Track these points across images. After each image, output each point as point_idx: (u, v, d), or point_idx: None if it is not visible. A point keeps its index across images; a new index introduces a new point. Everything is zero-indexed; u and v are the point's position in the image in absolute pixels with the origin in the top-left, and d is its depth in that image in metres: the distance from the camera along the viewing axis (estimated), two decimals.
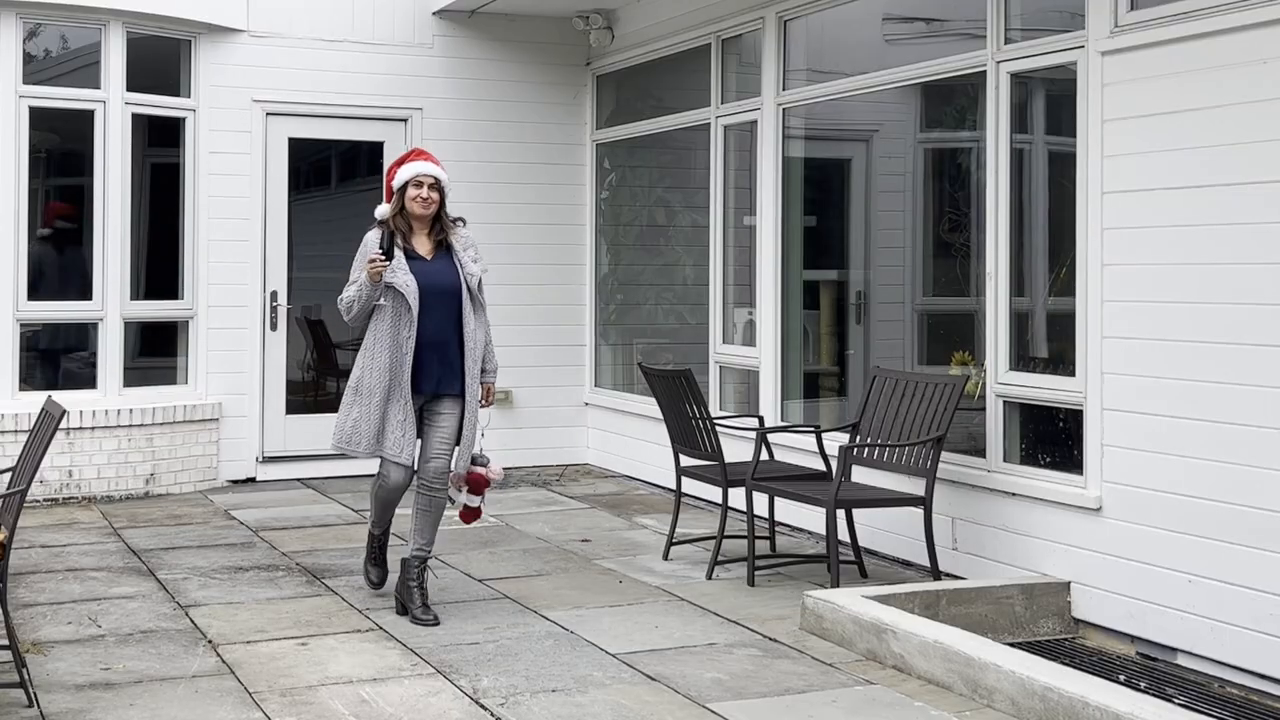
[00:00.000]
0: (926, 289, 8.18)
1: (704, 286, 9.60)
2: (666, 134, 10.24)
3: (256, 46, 10.08)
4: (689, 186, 10.12)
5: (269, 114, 10.14)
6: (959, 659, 5.30)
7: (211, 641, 5.96)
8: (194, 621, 6.28)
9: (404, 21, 10.48)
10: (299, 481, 10.05)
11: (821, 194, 9.03)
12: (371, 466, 6.72)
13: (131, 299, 9.66)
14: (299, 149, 10.34)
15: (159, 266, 9.94)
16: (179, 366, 9.99)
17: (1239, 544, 5.56)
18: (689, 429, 7.41)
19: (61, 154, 9.83)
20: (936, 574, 6.66)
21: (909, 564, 7.27)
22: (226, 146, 9.99)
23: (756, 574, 7.05)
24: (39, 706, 5.08)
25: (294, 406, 10.28)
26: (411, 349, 6.23)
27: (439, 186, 6.39)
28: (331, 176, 11.14)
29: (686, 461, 7.58)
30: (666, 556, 7.61)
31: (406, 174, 6.38)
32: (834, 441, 7.35)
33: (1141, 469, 6.00)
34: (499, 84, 10.73)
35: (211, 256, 9.95)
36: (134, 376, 9.68)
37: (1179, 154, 5.83)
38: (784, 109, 8.64)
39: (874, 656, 5.71)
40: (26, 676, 5.16)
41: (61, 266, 9.70)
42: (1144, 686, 5.52)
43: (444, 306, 6.31)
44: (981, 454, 6.89)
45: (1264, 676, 5.48)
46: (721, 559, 7.23)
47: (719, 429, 7.36)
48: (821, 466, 7.50)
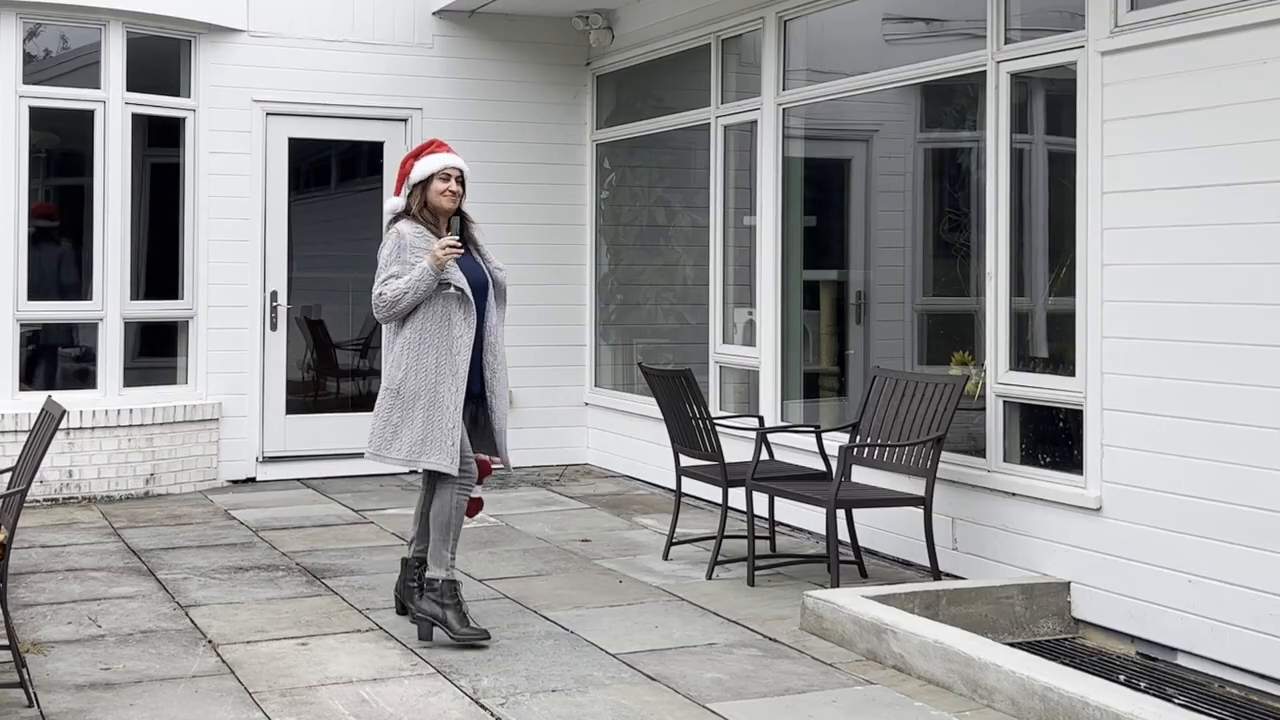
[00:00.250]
0: (926, 289, 8.18)
1: (704, 286, 9.60)
2: (666, 134, 10.24)
3: (256, 46, 10.08)
4: (689, 186, 10.11)
5: (269, 114, 10.14)
6: (959, 659, 5.30)
7: (211, 641, 5.96)
8: (194, 621, 6.28)
9: (404, 21, 10.49)
10: (299, 481, 10.05)
11: (821, 194, 9.03)
12: (372, 467, 6.62)
13: (131, 299, 9.66)
14: (299, 149, 10.34)
15: (159, 266, 9.94)
16: (179, 366, 9.99)
17: (1239, 544, 5.56)
18: (689, 429, 7.41)
19: (61, 154, 9.83)
20: (936, 574, 6.66)
21: (909, 564, 7.27)
22: (226, 146, 9.99)
23: (756, 574, 7.05)
24: (39, 706, 5.08)
25: (294, 406, 10.28)
26: (468, 349, 5.88)
27: (464, 180, 6.07)
28: (331, 176, 11.15)
29: (686, 461, 7.58)
30: (666, 556, 7.61)
31: (432, 166, 5.98)
32: (834, 441, 7.35)
33: (1141, 469, 6.00)
34: (499, 84, 10.73)
35: (211, 256, 9.96)
36: (134, 376, 9.68)
37: (1179, 154, 5.83)
38: (784, 109, 8.64)
39: (874, 656, 5.70)
40: (26, 676, 5.15)
41: (56, 265, 9.69)
42: (1144, 686, 5.52)
43: (479, 304, 5.99)
44: (981, 454, 6.89)
45: (1264, 676, 5.48)
46: (721, 559, 7.23)
47: (719, 429, 7.36)
48: (821, 466, 7.50)
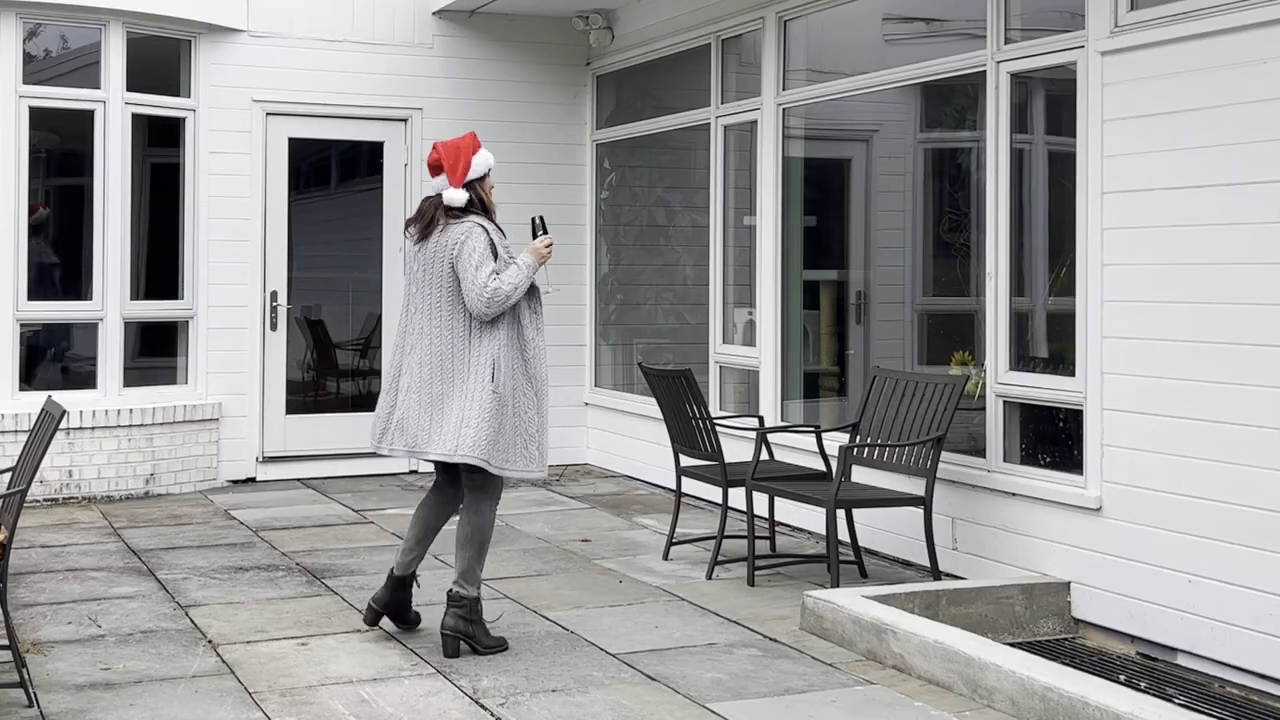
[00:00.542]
0: (926, 289, 8.18)
1: (704, 286, 9.59)
2: (666, 134, 10.24)
3: (256, 46, 10.08)
4: (689, 186, 10.11)
5: (269, 114, 10.14)
6: (959, 659, 5.29)
7: (211, 641, 5.96)
8: (194, 621, 6.28)
9: (404, 21, 10.49)
10: (299, 481, 10.05)
11: (821, 194, 9.03)
12: (372, 467, 6.55)
13: (131, 299, 9.66)
14: (299, 149, 10.34)
15: (159, 266, 9.94)
16: (179, 366, 9.99)
17: (1239, 544, 5.56)
18: (689, 429, 7.40)
19: (61, 154, 9.83)
20: (936, 574, 6.66)
21: (909, 564, 7.27)
22: (226, 146, 9.99)
23: (756, 574, 7.05)
24: (39, 706, 5.08)
25: (294, 406, 10.28)
26: (545, 352, 5.83)
27: None
28: (331, 176, 11.15)
29: (686, 461, 7.58)
30: (666, 556, 7.61)
31: (489, 162, 5.93)
32: (834, 441, 7.35)
33: (1141, 469, 6.00)
34: (499, 84, 10.73)
35: (211, 256, 9.96)
36: (134, 376, 9.68)
37: (1179, 154, 5.83)
38: (784, 109, 8.64)
39: (874, 656, 5.70)
40: (26, 676, 5.15)
41: (54, 263, 9.70)
42: (1144, 686, 5.52)
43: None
44: (981, 454, 6.89)
45: (1264, 676, 5.48)
46: (721, 559, 7.23)
47: (719, 429, 7.35)
48: (821, 466, 7.50)
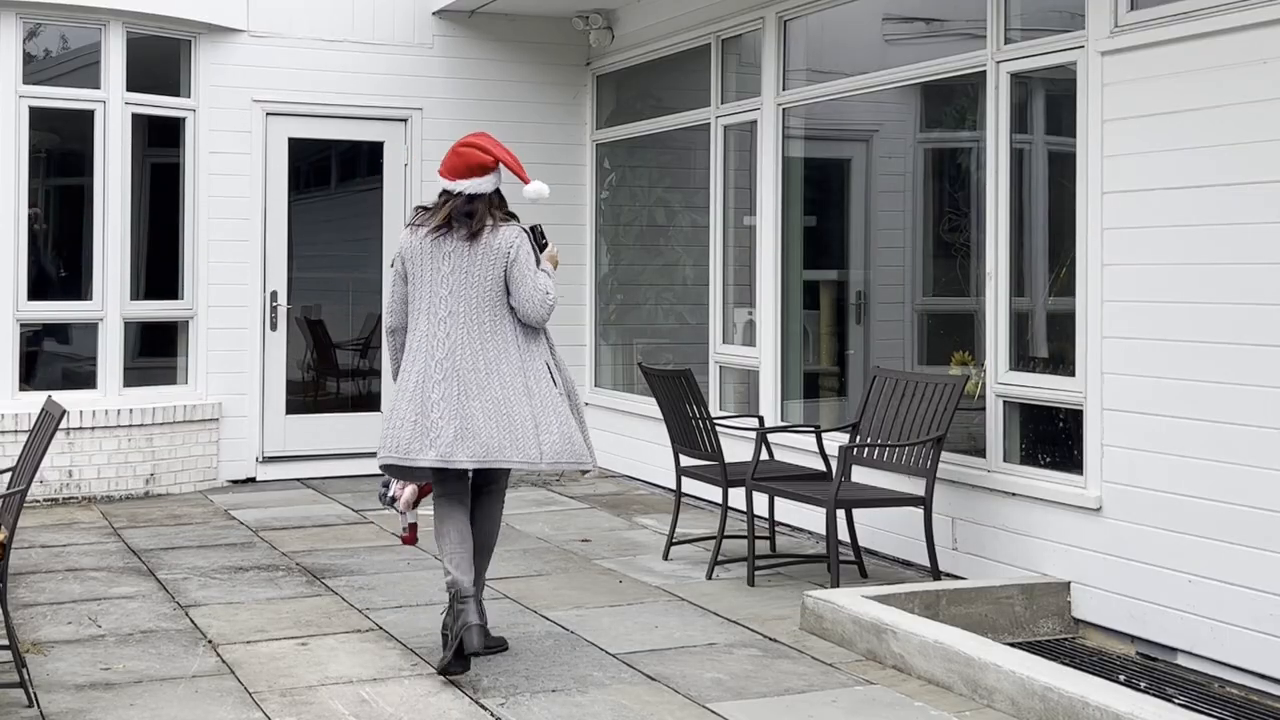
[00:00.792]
0: (926, 289, 8.18)
1: (704, 286, 9.59)
2: (666, 134, 10.24)
3: (256, 46, 10.08)
4: (689, 186, 10.11)
5: (269, 114, 10.14)
6: (959, 659, 5.29)
7: (211, 641, 5.96)
8: (194, 621, 6.28)
9: (404, 21, 10.49)
10: (299, 481, 10.05)
11: (821, 194, 9.03)
12: (372, 467, 6.59)
13: (131, 299, 9.66)
14: (299, 149, 10.34)
15: (159, 266, 9.94)
16: (179, 366, 9.99)
17: (1239, 544, 5.56)
18: (689, 429, 7.40)
19: (61, 154, 9.83)
20: (936, 574, 6.66)
21: (909, 564, 7.27)
22: (226, 146, 9.99)
23: (756, 574, 7.05)
24: (39, 706, 5.08)
25: (294, 406, 10.28)
26: None
27: None
28: (331, 176, 11.15)
29: (686, 461, 7.57)
30: (666, 556, 7.61)
31: None
32: (834, 441, 7.35)
33: (1141, 469, 6.00)
34: (499, 84, 10.73)
35: (211, 256, 9.96)
36: (134, 376, 9.69)
37: (1179, 154, 5.83)
38: (784, 109, 8.64)
39: (874, 656, 5.70)
40: (26, 676, 5.15)
41: (50, 262, 9.71)
42: (1144, 686, 5.52)
43: None
44: (981, 454, 6.89)
45: (1264, 676, 5.48)
46: (721, 559, 7.23)
47: (719, 429, 7.35)
48: (821, 466, 7.50)
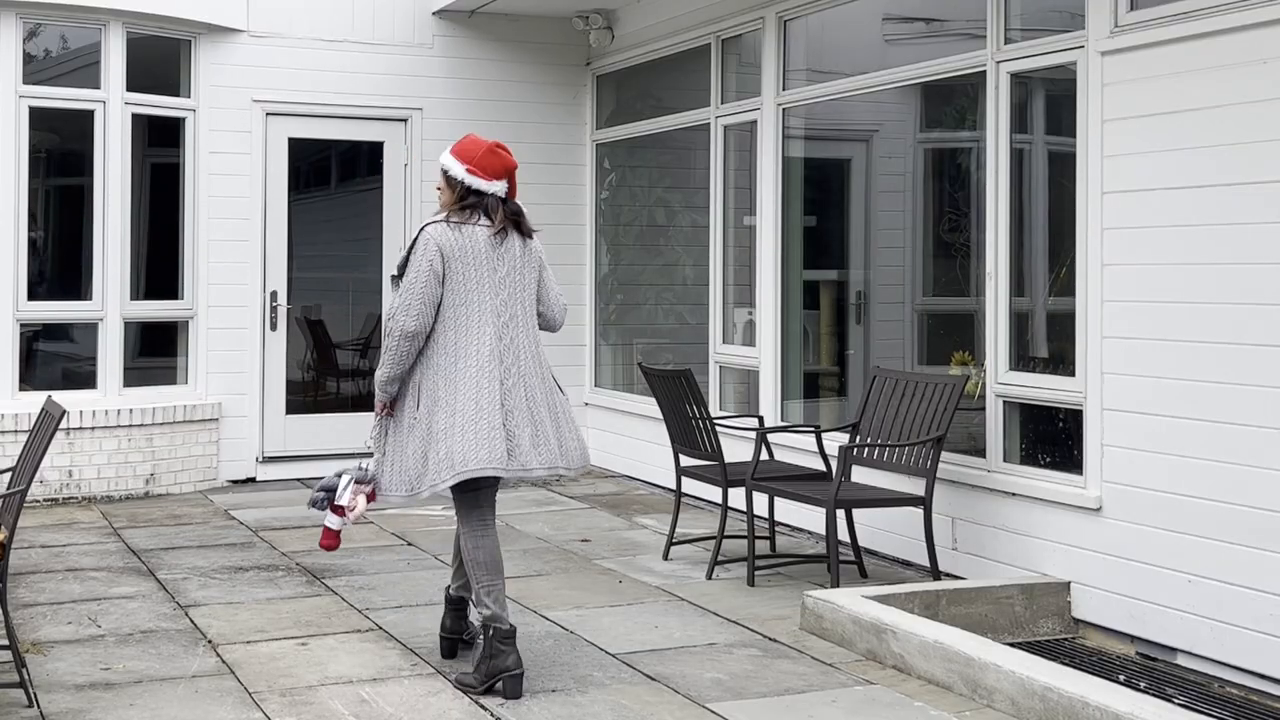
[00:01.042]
0: (926, 289, 8.18)
1: (704, 286, 9.59)
2: (666, 134, 10.24)
3: (256, 46, 10.08)
4: (689, 186, 10.11)
5: (269, 114, 10.14)
6: (959, 659, 5.29)
7: (211, 641, 5.95)
8: (194, 621, 6.28)
9: (404, 21, 10.48)
10: (299, 481, 10.05)
11: (821, 194, 9.03)
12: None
13: (131, 299, 9.66)
14: (299, 149, 10.34)
15: (159, 266, 9.94)
16: (179, 366, 9.99)
17: (1239, 544, 5.56)
18: (689, 429, 7.40)
19: (61, 154, 9.83)
20: (936, 574, 6.66)
21: (909, 564, 7.27)
22: (226, 146, 9.99)
23: (756, 574, 7.05)
24: (39, 706, 5.08)
25: (294, 406, 10.28)
26: None
27: (442, 172, 5.49)
28: (331, 176, 11.14)
29: (686, 461, 7.57)
30: (666, 556, 7.61)
31: None
32: (834, 441, 7.35)
33: (1141, 469, 6.00)
34: (499, 84, 10.73)
35: (211, 256, 9.95)
36: (134, 376, 9.68)
37: (1179, 154, 5.83)
38: (784, 109, 8.64)
39: (874, 656, 5.70)
40: (26, 676, 5.15)
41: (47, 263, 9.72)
42: (1144, 686, 5.52)
43: None
44: (981, 454, 6.89)
45: (1264, 676, 5.48)
46: (721, 559, 7.23)
47: (719, 429, 7.35)
48: (821, 466, 7.50)
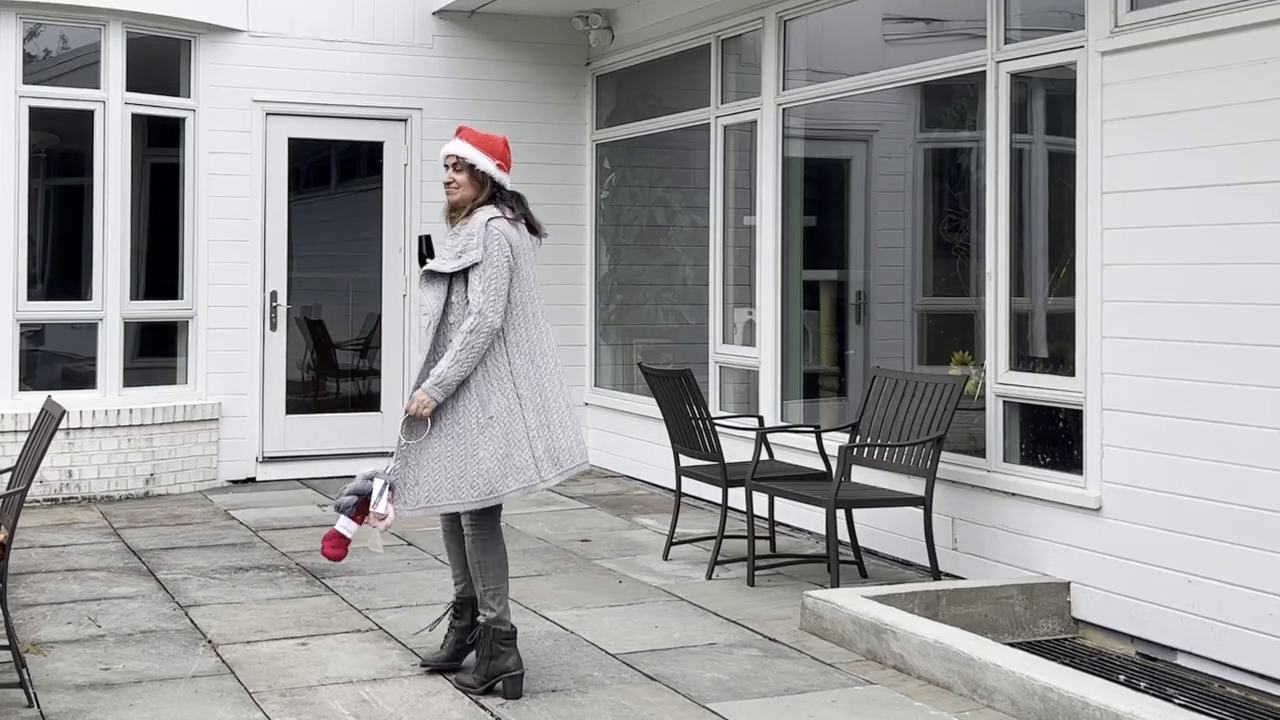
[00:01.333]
0: (926, 289, 8.18)
1: (704, 286, 9.59)
2: (666, 134, 10.24)
3: (256, 46, 10.08)
4: (689, 186, 10.11)
5: (269, 114, 10.14)
6: (959, 659, 5.29)
7: (211, 641, 5.95)
8: (194, 621, 6.28)
9: (404, 21, 10.49)
10: (299, 481, 10.05)
11: (821, 194, 9.03)
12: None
13: (131, 299, 9.66)
14: (299, 149, 10.34)
15: (159, 266, 9.94)
16: (179, 366, 9.99)
17: (1239, 544, 5.56)
18: (689, 429, 7.40)
19: (61, 154, 9.83)
20: (936, 574, 6.66)
21: (909, 564, 7.27)
22: (226, 146, 9.99)
23: (756, 574, 7.05)
24: (39, 706, 5.08)
25: (294, 406, 10.28)
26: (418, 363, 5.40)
27: (464, 166, 5.32)
28: (331, 176, 11.15)
29: (686, 461, 7.57)
30: (666, 556, 7.61)
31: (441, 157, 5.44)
32: (834, 441, 7.35)
33: (1141, 469, 6.00)
34: (499, 84, 10.73)
35: (211, 256, 9.96)
36: (134, 376, 9.68)
37: (1179, 154, 5.83)
38: (784, 109, 8.64)
39: (874, 656, 5.70)
40: (26, 676, 5.15)
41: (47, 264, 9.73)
42: (1144, 686, 5.52)
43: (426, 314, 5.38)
44: (981, 454, 6.89)
45: (1264, 676, 5.48)
46: (721, 559, 7.23)
47: (719, 429, 7.35)
48: (821, 466, 7.50)
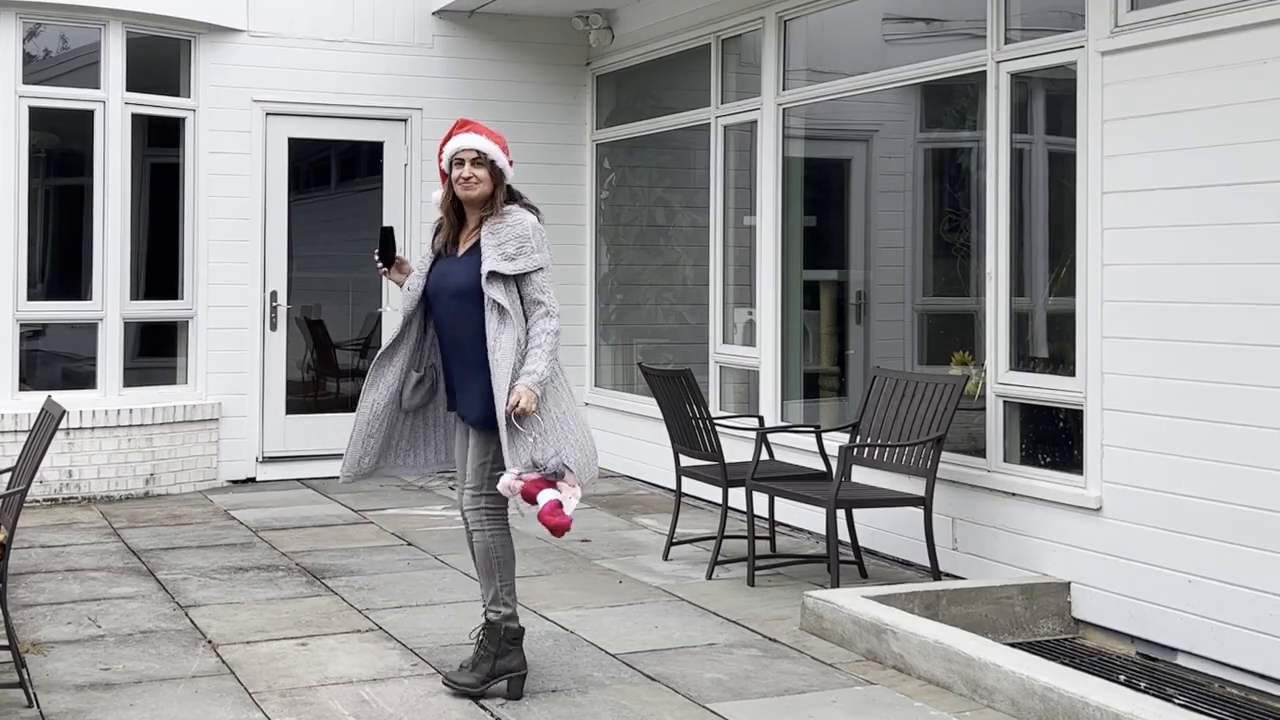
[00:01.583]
0: (926, 289, 8.18)
1: (704, 286, 9.59)
2: (666, 134, 10.24)
3: (256, 46, 10.08)
4: (689, 186, 10.11)
5: (269, 114, 10.14)
6: (959, 659, 5.29)
7: (211, 642, 5.95)
8: (194, 621, 6.28)
9: (404, 21, 10.49)
10: (299, 481, 10.05)
11: (821, 194, 9.03)
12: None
13: (131, 299, 9.66)
14: (299, 149, 10.34)
15: (159, 266, 9.94)
16: (179, 366, 9.99)
17: (1239, 544, 5.56)
18: (689, 429, 7.40)
19: (61, 154, 9.83)
20: (936, 574, 6.66)
21: (909, 564, 7.27)
22: (226, 146, 9.99)
23: (756, 574, 7.05)
24: (39, 707, 5.08)
25: (294, 406, 10.28)
26: (399, 358, 5.33)
27: (485, 162, 5.20)
28: (331, 176, 11.15)
29: (686, 461, 7.57)
30: (666, 556, 7.61)
31: (448, 152, 5.26)
32: (834, 441, 7.35)
33: (1141, 469, 6.00)
34: (499, 84, 10.73)
35: (211, 256, 9.95)
36: (134, 376, 9.68)
37: (1179, 154, 5.83)
38: (784, 109, 8.64)
39: (874, 656, 5.70)
40: (26, 676, 5.15)
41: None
42: (1144, 686, 5.52)
43: (451, 312, 5.25)
44: (981, 454, 6.89)
45: (1264, 676, 5.48)
46: (721, 559, 7.23)
47: (719, 429, 7.35)
48: (821, 466, 7.50)
